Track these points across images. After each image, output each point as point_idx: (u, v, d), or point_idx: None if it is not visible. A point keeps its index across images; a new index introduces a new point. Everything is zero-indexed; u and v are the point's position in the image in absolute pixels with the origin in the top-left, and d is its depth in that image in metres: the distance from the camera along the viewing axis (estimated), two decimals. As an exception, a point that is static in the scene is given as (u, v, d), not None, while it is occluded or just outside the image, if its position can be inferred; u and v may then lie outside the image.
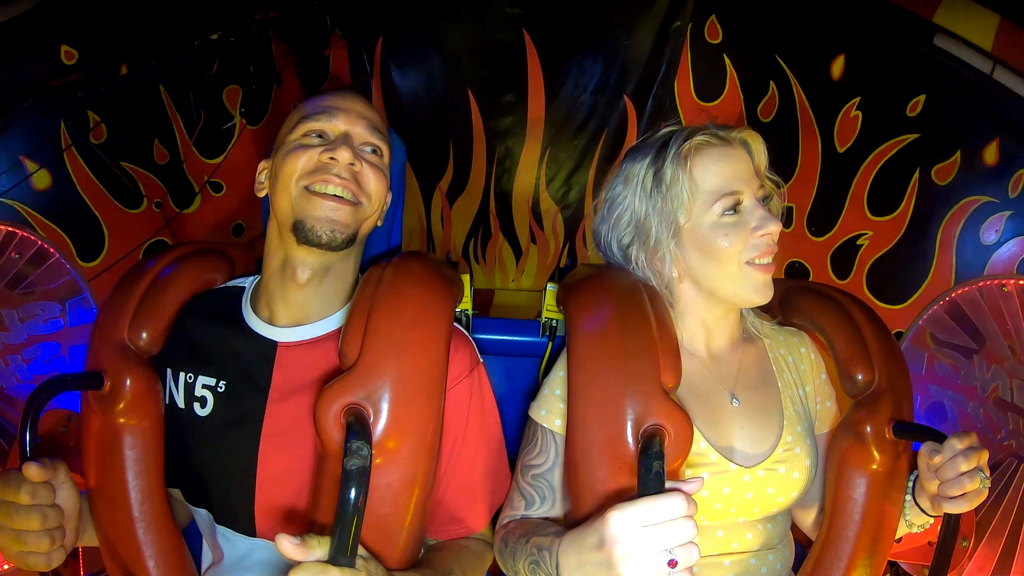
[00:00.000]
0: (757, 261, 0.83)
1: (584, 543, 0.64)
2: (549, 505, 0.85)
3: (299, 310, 0.86)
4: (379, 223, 0.92)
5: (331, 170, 0.82)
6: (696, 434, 0.82)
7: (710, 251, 0.84)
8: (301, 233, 0.81)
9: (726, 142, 0.85)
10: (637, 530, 0.58)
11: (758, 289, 0.84)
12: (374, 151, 0.88)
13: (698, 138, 0.84)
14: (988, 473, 0.76)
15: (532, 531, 0.78)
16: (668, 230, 0.85)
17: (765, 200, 0.86)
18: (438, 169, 2.03)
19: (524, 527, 0.82)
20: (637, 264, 0.89)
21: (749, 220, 0.83)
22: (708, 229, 0.83)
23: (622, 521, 0.59)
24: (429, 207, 2.08)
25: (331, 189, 0.81)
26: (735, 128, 0.87)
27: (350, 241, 0.84)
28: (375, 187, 0.86)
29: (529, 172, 2.04)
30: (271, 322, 0.87)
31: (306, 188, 0.82)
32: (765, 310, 1.00)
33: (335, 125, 0.85)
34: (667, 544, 0.58)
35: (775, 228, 0.82)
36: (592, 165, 2.03)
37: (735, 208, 0.83)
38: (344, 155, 0.82)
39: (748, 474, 0.83)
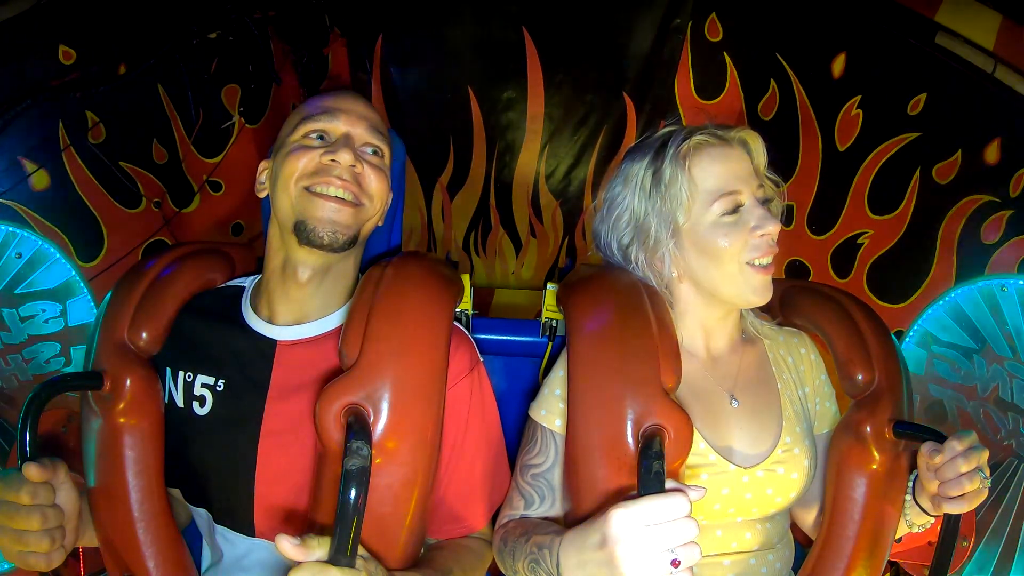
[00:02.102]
0: (757, 262, 0.83)
1: (586, 542, 0.64)
2: (548, 505, 0.85)
3: (299, 309, 0.86)
4: (379, 223, 0.92)
5: (332, 172, 0.82)
6: (695, 435, 0.82)
7: (709, 251, 0.84)
8: (303, 234, 0.81)
9: (725, 142, 0.85)
10: (640, 529, 0.58)
11: (757, 290, 0.84)
12: (375, 152, 0.88)
13: (697, 138, 0.84)
14: (988, 473, 0.76)
15: (532, 530, 0.78)
16: (667, 230, 0.85)
17: (765, 202, 0.86)
18: (438, 164, 2.03)
19: (524, 526, 0.82)
20: (637, 264, 0.89)
21: (748, 220, 0.83)
22: (707, 229, 0.83)
23: (625, 519, 0.59)
24: (430, 201, 2.09)
25: (332, 191, 0.81)
26: (734, 127, 0.87)
27: (352, 242, 0.84)
28: (376, 188, 0.85)
29: (529, 167, 2.04)
30: (271, 321, 0.87)
31: (306, 189, 0.82)
32: (765, 310, 1.00)
33: (336, 126, 0.85)
34: (670, 544, 0.58)
35: (774, 228, 0.82)
36: (591, 161, 2.03)
37: (735, 209, 0.83)
38: (345, 157, 0.81)
39: (747, 475, 0.83)
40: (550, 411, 0.86)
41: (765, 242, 0.82)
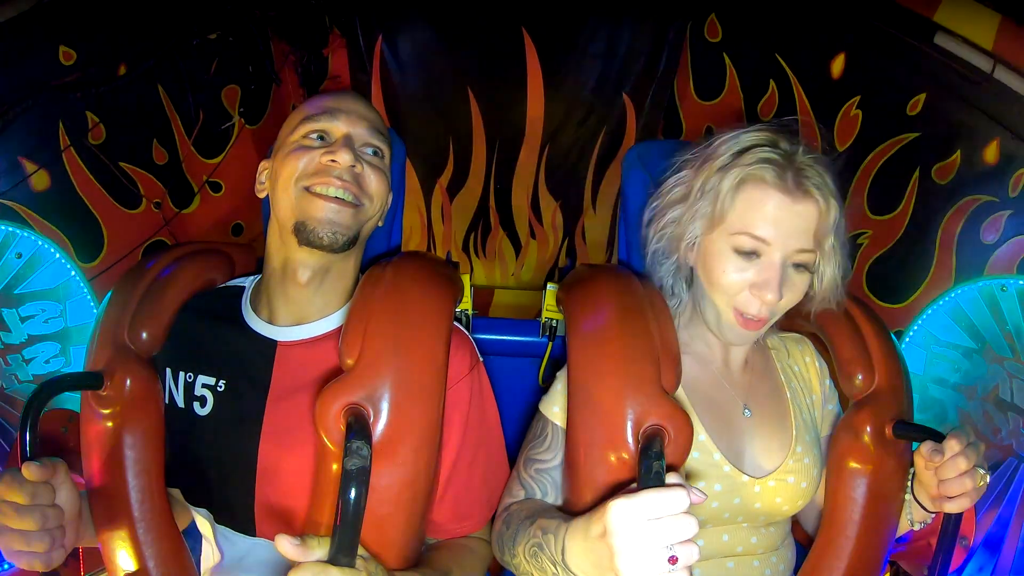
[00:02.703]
0: (746, 314, 0.81)
1: (589, 531, 0.63)
2: (550, 500, 0.85)
3: (300, 310, 0.86)
4: (380, 223, 0.92)
5: (332, 172, 0.82)
6: (710, 445, 0.83)
7: (709, 273, 0.83)
8: (302, 234, 0.81)
9: (791, 192, 0.77)
10: (640, 522, 0.58)
11: (736, 335, 0.83)
12: (375, 152, 0.88)
13: (769, 172, 0.77)
14: (987, 468, 0.76)
15: (537, 513, 0.77)
16: (693, 227, 0.83)
17: (800, 267, 0.79)
18: (438, 165, 2.03)
19: (528, 509, 0.81)
20: (664, 234, 0.87)
21: (755, 276, 0.79)
22: (716, 252, 0.81)
23: (624, 510, 0.59)
24: (429, 202, 2.09)
25: (332, 191, 0.81)
26: (821, 176, 0.78)
27: (351, 243, 0.84)
28: (376, 188, 0.86)
29: (528, 168, 2.04)
30: (271, 322, 0.87)
31: (306, 189, 0.82)
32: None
33: (336, 126, 0.85)
34: (668, 540, 0.57)
35: (772, 299, 0.77)
36: (591, 162, 2.02)
37: (753, 253, 0.79)
38: (345, 157, 0.82)
39: (759, 485, 0.83)
40: (561, 408, 0.86)
41: (757, 305, 0.79)
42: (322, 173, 0.82)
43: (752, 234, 0.78)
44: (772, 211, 0.77)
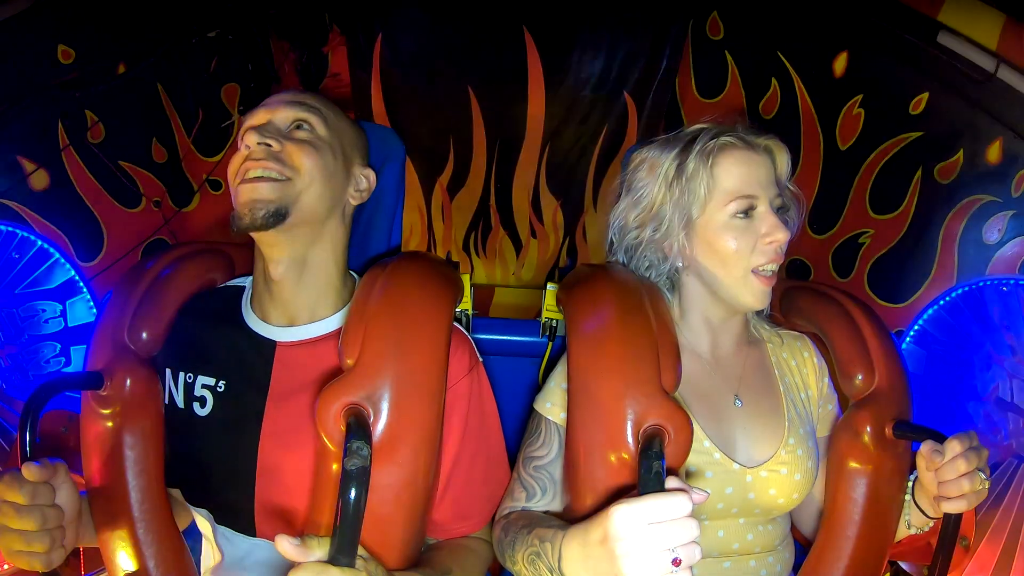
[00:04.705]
0: (762, 270, 0.85)
1: (588, 537, 0.64)
2: (550, 498, 0.85)
3: (287, 307, 0.85)
4: (355, 201, 0.89)
5: (250, 157, 0.81)
6: (699, 433, 0.83)
7: (717, 249, 0.85)
8: (233, 225, 0.80)
9: (750, 146, 0.86)
10: (642, 527, 0.58)
11: (756, 296, 0.85)
12: (299, 126, 0.84)
13: (724, 138, 0.85)
14: (988, 473, 0.76)
15: (535, 523, 0.78)
16: (681, 221, 0.87)
17: (781, 210, 0.87)
18: (438, 164, 2.03)
19: (526, 518, 0.82)
20: (646, 246, 0.90)
21: (760, 226, 0.84)
22: (719, 227, 0.85)
23: (626, 517, 0.59)
24: (429, 202, 2.08)
25: (251, 174, 0.80)
26: (762, 135, 0.88)
27: (279, 216, 0.80)
28: (303, 161, 0.82)
29: (529, 167, 2.04)
30: (268, 321, 0.87)
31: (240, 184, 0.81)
32: (771, 313, 1.00)
33: (257, 119, 0.85)
34: (671, 543, 0.58)
35: (783, 237, 0.83)
36: (592, 161, 2.02)
37: (748, 212, 0.84)
38: (251, 139, 0.81)
39: (751, 475, 0.83)
40: (555, 403, 0.87)
41: (773, 249, 0.84)
42: (244, 163, 0.81)
43: (743, 195, 0.84)
44: (747, 169, 0.85)
